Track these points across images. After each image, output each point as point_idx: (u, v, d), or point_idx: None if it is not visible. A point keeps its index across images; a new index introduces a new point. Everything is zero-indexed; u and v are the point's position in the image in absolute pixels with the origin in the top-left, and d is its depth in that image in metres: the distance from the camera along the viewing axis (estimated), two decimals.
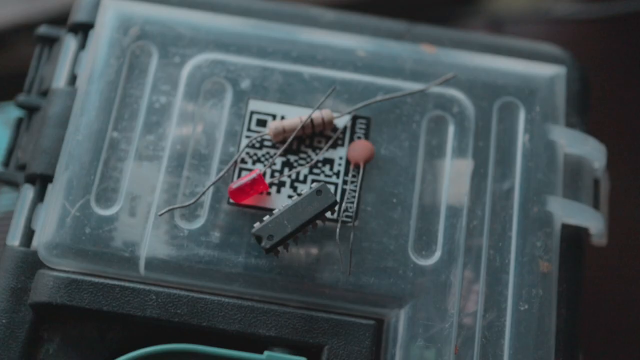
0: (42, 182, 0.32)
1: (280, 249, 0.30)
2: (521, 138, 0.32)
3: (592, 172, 0.34)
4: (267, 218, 0.29)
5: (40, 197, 0.32)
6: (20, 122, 0.35)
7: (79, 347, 0.31)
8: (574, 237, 0.32)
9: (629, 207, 0.52)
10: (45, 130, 0.33)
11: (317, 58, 0.33)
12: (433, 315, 0.30)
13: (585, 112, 0.34)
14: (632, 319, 0.51)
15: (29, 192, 0.32)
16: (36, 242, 0.31)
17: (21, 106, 0.35)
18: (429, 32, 0.35)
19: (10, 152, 0.35)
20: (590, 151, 0.33)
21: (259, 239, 0.29)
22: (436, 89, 0.33)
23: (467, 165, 0.32)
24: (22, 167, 0.34)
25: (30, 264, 0.31)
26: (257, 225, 0.29)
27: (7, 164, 0.35)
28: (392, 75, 0.33)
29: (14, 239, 0.32)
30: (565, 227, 0.32)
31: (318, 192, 0.30)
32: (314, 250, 0.31)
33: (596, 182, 0.34)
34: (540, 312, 0.30)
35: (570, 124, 0.34)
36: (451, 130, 0.32)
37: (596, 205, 0.34)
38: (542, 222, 0.31)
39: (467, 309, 0.30)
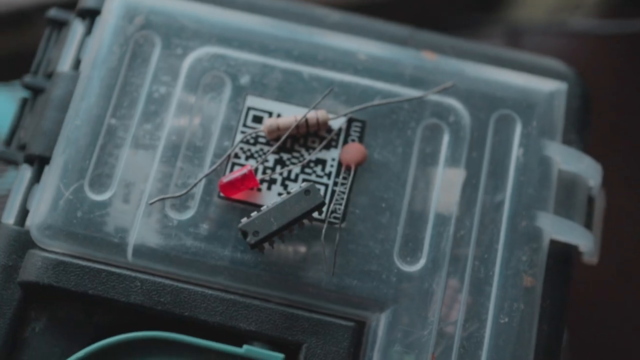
0: (39, 163, 0.33)
1: (265, 245, 0.30)
2: (515, 151, 0.32)
3: (586, 190, 0.34)
4: (254, 214, 0.30)
5: (36, 177, 0.33)
6: (24, 102, 0.36)
7: (65, 328, 0.31)
8: (562, 253, 0.32)
9: (627, 224, 0.52)
10: (47, 112, 0.33)
11: (317, 58, 0.33)
12: (413, 321, 0.30)
13: (583, 130, 0.34)
14: (626, 335, 0.51)
15: (26, 172, 0.33)
16: (29, 222, 0.31)
17: (26, 87, 0.36)
18: (432, 38, 0.35)
19: (12, 132, 0.36)
20: (585, 169, 0.33)
21: (244, 233, 0.29)
22: (434, 97, 0.33)
23: (459, 175, 0.32)
24: (22, 147, 0.34)
25: (23, 242, 0.32)
26: (244, 220, 0.30)
27: (9, 143, 0.35)
28: (391, 80, 0.33)
29: (9, 217, 0.32)
30: (554, 243, 0.32)
31: (306, 191, 0.30)
32: (301, 249, 0.31)
33: (590, 200, 0.34)
34: (520, 326, 0.30)
35: (567, 141, 0.34)
36: (446, 138, 0.32)
37: (588, 224, 0.34)
38: (529, 237, 0.31)
39: (448, 318, 0.30)
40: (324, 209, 0.31)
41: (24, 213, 0.32)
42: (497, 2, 0.69)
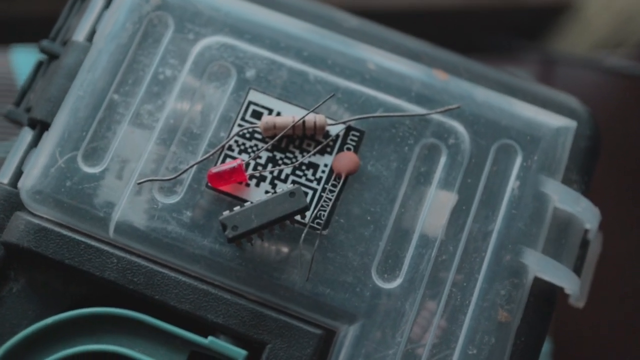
0: (40, 128, 0.33)
1: (243, 241, 0.30)
2: (511, 183, 0.32)
3: (580, 232, 0.33)
4: (236, 208, 0.30)
5: (35, 142, 0.33)
6: (39, 66, 0.36)
7: (41, 293, 0.32)
8: (545, 292, 0.32)
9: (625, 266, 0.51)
10: (55, 79, 0.34)
11: (326, 62, 0.33)
12: (381, 339, 0.30)
13: (587, 171, 0.34)
14: None
15: (27, 135, 0.33)
16: (21, 184, 0.32)
17: (43, 51, 0.36)
18: (448, 57, 0.35)
19: (23, 93, 0.36)
20: (582, 211, 0.32)
21: (224, 226, 0.29)
22: (437, 117, 0.32)
23: (450, 199, 0.32)
24: (29, 110, 0.35)
25: (12, 203, 0.32)
26: (226, 213, 0.30)
27: (18, 103, 0.36)
28: (397, 94, 0.33)
29: (4, 177, 0.33)
30: (539, 281, 0.31)
31: (291, 193, 0.30)
32: (283, 249, 0.31)
33: (585, 243, 0.34)
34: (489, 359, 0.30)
35: (567, 180, 0.33)
36: (443, 160, 0.32)
37: (577, 267, 0.33)
38: (512, 272, 0.31)
39: (416, 341, 0.30)
40: (308, 213, 0.31)
41: (18, 175, 0.33)
42: (540, 30, 0.68)
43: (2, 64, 0.47)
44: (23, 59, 0.47)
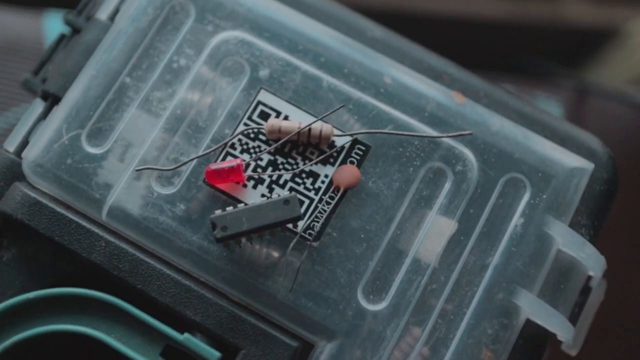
0: (52, 101, 0.33)
1: (232, 242, 0.29)
2: (515, 219, 0.31)
3: (582, 278, 0.32)
4: (229, 209, 0.29)
5: (45, 114, 0.33)
6: (61, 38, 0.36)
7: (30, 265, 0.32)
8: (536, 336, 0.31)
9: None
10: (72, 54, 0.34)
11: (343, 70, 0.32)
12: None
13: (598, 216, 0.32)
14: None
15: (38, 106, 0.33)
16: (24, 155, 0.32)
17: (67, 23, 0.36)
18: (469, 80, 0.34)
19: (42, 63, 0.36)
20: (586, 258, 0.31)
21: (213, 225, 0.29)
22: (447, 141, 0.31)
23: (449, 226, 0.31)
24: (45, 80, 0.35)
25: (14, 173, 0.32)
26: (218, 212, 0.29)
27: (36, 72, 0.36)
28: (410, 112, 0.32)
29: (10, 145, 0.33)
30: (530, 323, 0.30)
31: (286, 201, 0.29)
32: (271, 255, 0.30)
33: (586, 290, 0.32)
34: None
35: (576, 224, 0.32)
36: (447, 186, 0.31)
37: (575, 314, 0.32)
38: (502, 311, 0.30)
39: None
40: (301, 223, 0.30)
41: (24, 144, 0.33)
42: (582, 53, 0.66)
43: (34, 28, 0.47)
44: (55, 25, 0.47)
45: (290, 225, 0.30)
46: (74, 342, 0.30)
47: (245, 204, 0.30)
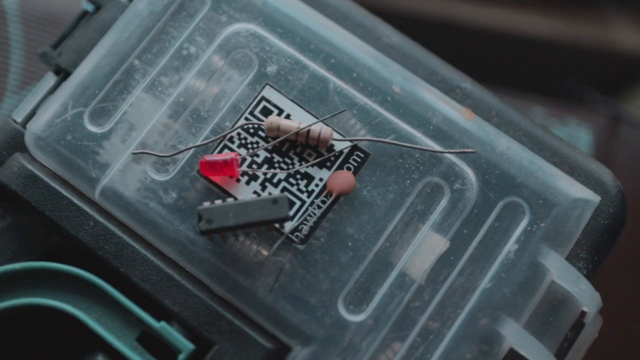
0: (63, 76, 0.33)
1: (217, 236, 0.29)
2: (509, 245, 0.30)
3: (574, 313, 0.30)
4: (217, 202, 0.29)
5: (54, 88, 0.33)
6: (84, 14, 0.37)
7: (23, 236, 0.32)
8: None
9: None
10: (87, 31, 0.34)
11: (351, 74, 0.32)
12: None
13: (599, 251, 0.31)
14: None
15: (50, 80, 0.34)
16: (28, 127, 0.32)
17: (90, 0, 0.36)
18: (483, 97, 0.33)
19: (62, 38, 0.36)
20: (580, 293, 0.30)
21: (199, 217, 0.29)
22: (449, 156, 0.31)
23: (440, 244, 0.30)
24: (60, 55, 0.35)
25: (17, 143, 0.32)
26: (206, 204, 0.29)
27: (55, 46, 0.36)
28: (414, 124, 0.31)
29: (19, 115, 0.33)
30: (514, 353, 0.29)
31: (274, 201, 0.29)
32: (256, 253, 0.30)
33: (579, 325, 0.31)
34: None
35: (574, 255, 0.30)
36: (443, 203, 0.30)
37: (564, 349, 0.31)
38: (484, 337, 0.29)
39: None
40: (289, 224, 0.30)
41: (31, 116, 0.33)
42: (621, 86, 0.64)
43: (74, 2, 0.47)
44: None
45: (278, 226, 0.29)
46: (51, 317, 0.30)
47: (235, 199, 0.29)
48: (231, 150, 0.31)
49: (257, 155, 0.31)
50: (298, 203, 0.30)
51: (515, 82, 0.60)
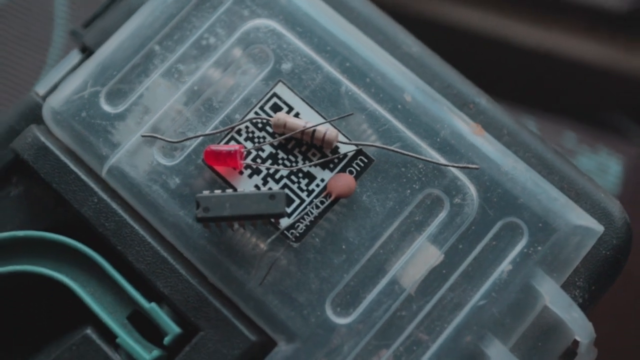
0: (87, 54, 0.34)
1: (212, 225, 0.30)
2: (503, 265, 0.29)
3: (566, 341, 0.30)
4: (217, 191, 0.29)
5: (77, 66, 0.34)
6: None
7: (33, 205, 0.33)
8: None
9: None
10: (116, 12, 0.35)
11: (365, 79, 0.32)
12: None
13: (597, 282, 0.30)
14: None
15: (75, 57, 0.35)
16: (48, 100, 0.33)
17: None
18: (497, 115, 0.32)
19: (94, 17, 0.37)
20: (572, 321, 0.29)
21: (197, 204, 0.29)
22: (453, 170, 0.30)
23: (435, 256, 0.30)
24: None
25: (36, 116, 0.33)
26: (205, 192, 0.29)
27: (86, 25, 0.37)
28: (422, 134, 0.31)
29: (41, 88, 0.34)
30: None
31: (272, 196, 0.29)
32: (251, 245, 0.30)
33: (570, 354, 0.31)
34: None
35: (571, 283, 0.30)
36: (441, 216, 0.30)
37: None
38: (467, 355, 0.29)
39: None
40: (285, 220, 0.30)
41: (53, 91, 0.34)
42: None
43: None
44: None
45: (273, 221, 0.30)
46: (46, 287, 0.31)
47: (235, 190, 0.30)
48: (238, 142, 0.31)
49: (262, 150, 0.31)
50: (297, 201, 0.30)
51: (549, 105, 0.59)
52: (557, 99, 0.64)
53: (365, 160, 0.31)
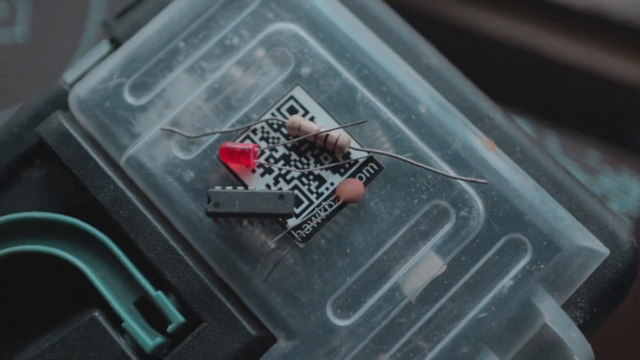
0: (114, 45, 0.35)
1: (221, 220, 0.30)
2: (504, 280, 0.30)
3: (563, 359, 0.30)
4: (228, 188, 0.30)
5: (105, 56, 0.35)
6: None
7: (53, 189, 0.34)
8: None
9: None
10: (146, 6, 0.36)
11: (381, 87, 0.32)
12: None
13: (600, 304, 0.31)
14: None
15: (104, 47, 0.36)
16: (74, 88, 0.34)
17: None
18: (511, 132, 0.33)
19: (127, 9, 0.38)
20: (570, 341, 0.30)
21: (208, 199, 0.30)
22: (461, 183, 0.31)
23: (438, 266, 0.30)
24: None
25: (61, 102, 0.34)
26: (217, 188, 0.30)
27: (118, 16, 0.38)
28: (434, 146, 0.31)
29: (70, 76, 0.35)
30: None
31: (281, 196, 0.30)
32: (258, 242, 0.31)
33: None
34: None
35: (572, 303, 0.30)
36: (447, 228, 0.31)
37: None
38: None
39: None
40: (293, 220, 0.31)
41: (80, 79, 0.35)
42: None
43: None
44: None
45: (281, 220, 0.30)
46: (59, 268, 0.32)
47: (246, 188, 0.31)
48: (252, 141, 0.32)
49: (276, 150, 0.32)
50: (306, 202, 0.31)
51: (574, 121, 0.59)
52: (582, 115, 0.64)
53: (376, 168, 0.31)
